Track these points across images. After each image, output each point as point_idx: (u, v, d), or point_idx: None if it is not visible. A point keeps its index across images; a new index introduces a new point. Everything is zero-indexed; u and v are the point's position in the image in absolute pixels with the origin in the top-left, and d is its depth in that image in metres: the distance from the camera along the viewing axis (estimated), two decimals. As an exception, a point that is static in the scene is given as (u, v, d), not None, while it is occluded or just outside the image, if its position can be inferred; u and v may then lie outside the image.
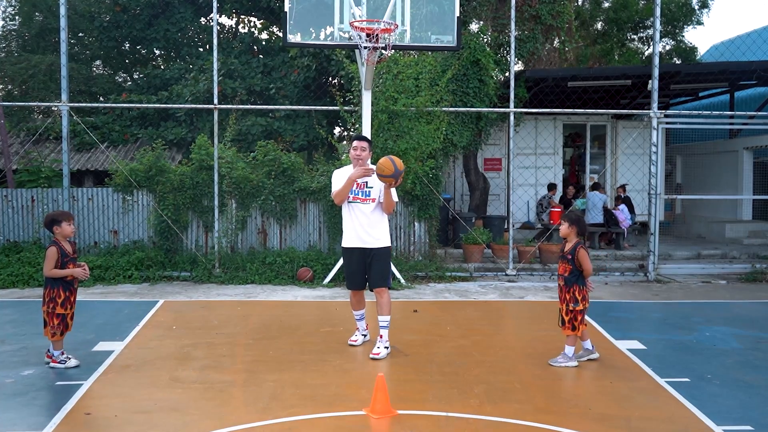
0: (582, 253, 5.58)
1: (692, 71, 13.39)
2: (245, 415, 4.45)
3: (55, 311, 5.45)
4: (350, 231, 5.97)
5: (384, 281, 5.93)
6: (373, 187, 5.88)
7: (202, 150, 10.25)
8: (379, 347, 5.85)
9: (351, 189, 5.89)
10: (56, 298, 5.45)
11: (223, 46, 14.44)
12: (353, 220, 5.92)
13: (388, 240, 6.02)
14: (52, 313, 5.45)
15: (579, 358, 5.67)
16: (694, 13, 21.62)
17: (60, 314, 5.46)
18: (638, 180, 13.93)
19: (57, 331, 5.47)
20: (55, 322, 5.45)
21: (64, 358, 5.51)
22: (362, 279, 6.00)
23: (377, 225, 5.92)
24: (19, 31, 16.34)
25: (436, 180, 10.60)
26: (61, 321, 5.47)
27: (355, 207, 5.91)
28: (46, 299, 5.49)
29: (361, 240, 5.91)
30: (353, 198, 5.91)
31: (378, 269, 5.89)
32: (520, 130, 13.50)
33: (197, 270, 9.88)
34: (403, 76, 10.13)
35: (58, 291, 5.46)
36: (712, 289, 9.73)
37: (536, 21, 12.75)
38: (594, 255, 11.47)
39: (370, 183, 5.88)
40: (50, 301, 5.47)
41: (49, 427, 4.24)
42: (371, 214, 5.89)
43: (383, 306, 5.90)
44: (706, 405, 4.70)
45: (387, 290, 5.97)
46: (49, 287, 5.49)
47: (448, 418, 4.40)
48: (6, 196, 10.35)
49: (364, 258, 5.92)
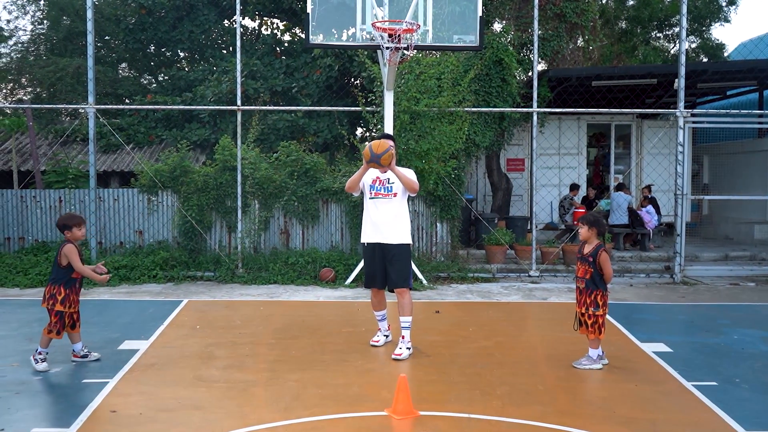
0: (603, 256, 5.48)
1: (720, 69, 13.15)
2: (267, 414, 4.47)
3: (55, 308, 5.46)
4: (369, 225, 5.96)
5: (404, 281, 5.90)
6: (395, 182, 5.86)
7: (225, 151, 10.34)
8: (401, 348, 5.84)
9: (372, 185, 5.89)
10: (56, 295, 5.47)
11: (246, 48, 14.54)
12: (374, 215, 5.90)
13: (409, 238, 5.99)
14: (51, 311, 5.47)
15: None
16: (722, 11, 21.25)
17: (59, 312, 5.46)
18: (664, 180, 13.73)
19: (54, 329, 5.45)
20: (53, 320, 5.46)
21: (39, 358, 5.41)
22: (381, 278, 5.97)
23: (398, 221, 5.90)
24: (48, 34, 16.62)
25: (458, 180, 10.56)
26: (59, 319, 5.46)
27: (376, 203, 5.90)
28: (47, 296, 5.50)
29: (380, 235, 5.88)
30: (375, 194, 5.90)
31: (397, 269, 5.86)
32: (544, 130, 13.39)
33: (220, 270, 9.97)
34: (425, 76, 10.10)
35: (59, 288, 5.48)
36: (740, 292, 9.55)
37: (560, 19, 12.63)
38: (619, 256, 11.34)
39: (392, 179, 5.86)
40: (50, 297, 5.48)
41: (75, 424, 4.30)
42: (393, 209, 5.87)
43: (404, 307, 5.88)
44: (734, 409, 4.61)
45: (408, 291, 5.94)
46: (50, 284, 5.52)
47: (470, 420, 4.38)
48: (34, 197, 10.54)
49: (383, 255, 5.90)
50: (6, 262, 9.75)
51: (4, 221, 10.50)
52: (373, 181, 5.94)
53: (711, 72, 12.78)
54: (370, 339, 6.28)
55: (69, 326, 5.56)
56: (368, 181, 5.98)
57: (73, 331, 5.61)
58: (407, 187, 5.84)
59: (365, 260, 6.14)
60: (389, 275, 5.92)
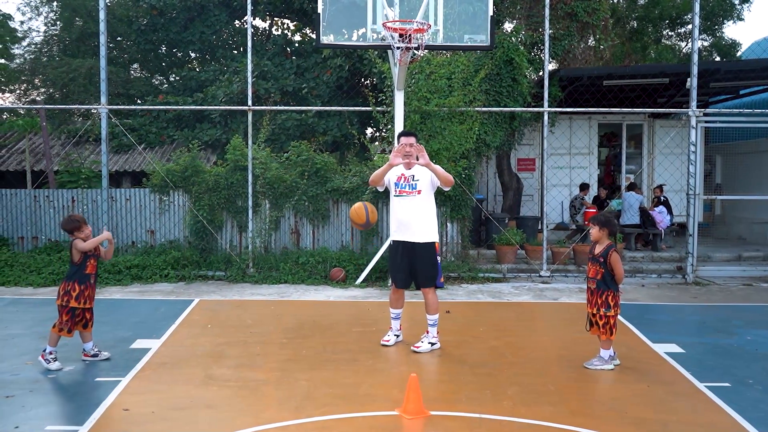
0: (614, 257, 5.45)
1: (733, 68, 13.03)
2: (279, 413, 4.48)
3: (69, 304, 5.49)
4: (395, 223, 5.97)
5: (431, 281, 5.90)
6: (420, 180, 5.83)
7: (236, 151, 10.38)
8: (423, 342, 5.92)
9: (397, 183, 5.86)
10: (71, 291, 5.51)
11: (256, 48, 14.58)
12: (399, 213, 5.90)
13: (435, 235, 5.95)
14: (65, 307, 5.49)
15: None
16: (734, 9, 21.07)
17: (72, 308, 5.49)
18: (676, 180, 13.64)
19: (65, 326, 5.48)
20: (64, 318, 5.49)
21: (51, 357, 5.45)
22: (404, 277, 5.96)
23: (424, 218, 5.86)
24: (61, 35, 16.75)
25: (468, 180, 10.54)
26: (71, 317, 5.49)
27: (401, 201, 5.88)
28: (61, 293, 5.53)
29: (405, 233, 5.87)
30: (399, 192, 5.87)
31: (424, 268, 5.87)
32: (555, 129, 13.33)
33: (231, 270, 10.00)
34: (436, 76, 10.10)
35: (73, 284, 5.53)
36: (754, 292, 9.47)
37: (571, 19, 12.57)
38: (630, 256, 11.28)
39: (417, 176, 5.84)
40: (65, 294, 5.51)
41: (88, 422, 4.33)
42: (418, 207, 5.84)
43: (431, 305, 5.93)
44: (747, 411, 4.57)
45: (434, 289, 5.95)
46: (65, 281, 5.56)
47: (481, 420, 4.37)
48: (48, 197, 10.63)
49: (408, 254, 5.88)
50: (19, 261, 9.84)
51: (17, 221, 10.60)
52: (398, 179, 5.90)
53: (724, 71, 12.67)
54: (380, 338, 6.29)
55: (81, 325, 5.60)
56: (393, 179, 5.93)
57: (85, 330, 5.65)
58: (444, 181, 5.80)
59: (390, 257, 6.14)
60: (416, 274, 5.91)
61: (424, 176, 5.83)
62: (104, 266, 9.69)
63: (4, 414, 4.48)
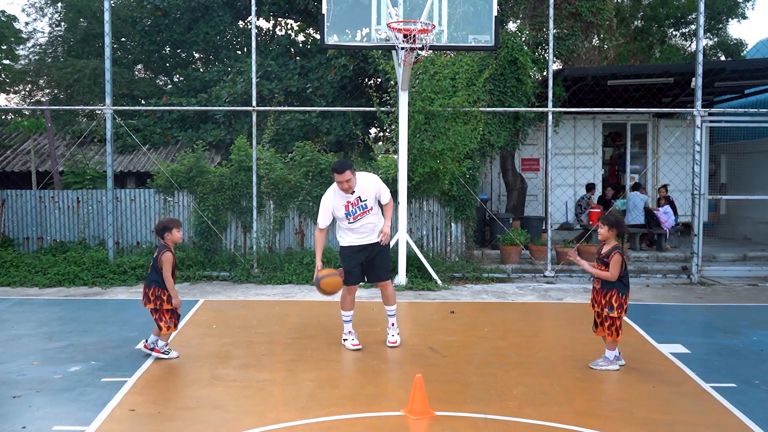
0: (616, 257, 5.39)
1: (738, 68, 13.00)
2: (284, 413, 4.49)
3: (164, 307, 5.76)
4: (356, 237, 6.02)
5: (388, 273, 6.17)
6: (367, 198, 5.93)
7: (241, 151, 10.40)
8: (394, 335, 6.20)
9: (347, 212, 5.89)
10: (161, 296, 5.77)
11: (260, 49, 14.60)
12: (362, 230, 5.98)
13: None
14: (161, 310, 5.76)
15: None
16: (738, 7, 21.00)
17: (169, 309, 5.79)
18: (681, 180, 13.61)
19: (170, 323, 5.80)
20: (167, 317, 5.78)
21: (167, 349, 5.85)
22: (359, 273, 6.12)
23: (380, 223, 6.07)
24: (65, 36, 16.80)
25: (473, 180, 10.53)
26: (172, 315, 5.81)
27: (359, 221, 5.95)
28: (152, 298, 5.77)
29: (368, 237, 6.03)
30: (354, 218, 5.92)
31: (382, 262, 6.10)
32: (559, 129, 13.32)
33: (236, 270, 10.02)
34: (440, 76, 10.09)
35: (162, 290, 5.78)
36: (759, 292, 9.44)
37: (575, 18, 12.57)
38: (635, 256, 11.26)
39: (363, 196, 5.91)
40: (156, 299, 5.77)
41: (95, 422, 4.35)
42: (375, 217, 6.02)
43: (389, 297, 6.18)
44: (754, 411, 4.56)
45: (390, 282, 6.21)
46: (154, 286, 5.78)
47: (486, 420, 4.37)
48: (53, 197, 10.66)
49: (367, 253, 6.05)
50: (25, 262, 9.87)
51: (23, 221, 10.64)
52: (346, 208, 5.88)
53: (729, 70, 12.64)
54: (384, 339, 6.30)
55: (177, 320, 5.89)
56: (340, 213, 5.91)
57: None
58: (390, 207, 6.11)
59: (346, 260, 6.10)
60: (373, 269, 6.08)
61: (368, 193, 5.91)
62: (109, 267, 9.73)
63: (12, 414, 4.50)
